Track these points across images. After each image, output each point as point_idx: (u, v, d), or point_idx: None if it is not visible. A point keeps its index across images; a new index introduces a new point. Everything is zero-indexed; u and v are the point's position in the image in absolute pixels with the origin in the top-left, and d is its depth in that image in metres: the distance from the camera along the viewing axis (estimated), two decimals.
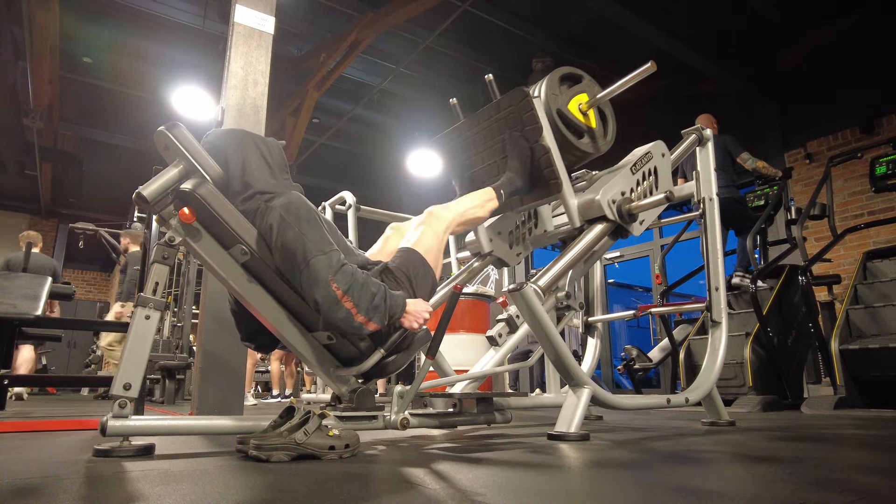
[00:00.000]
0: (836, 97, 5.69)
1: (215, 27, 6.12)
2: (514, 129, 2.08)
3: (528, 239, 2.47)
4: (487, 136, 2.19)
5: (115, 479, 1.05)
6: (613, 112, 2.35)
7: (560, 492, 0.95)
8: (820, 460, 1.31)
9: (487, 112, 2.16)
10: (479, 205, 2.00)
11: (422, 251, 1.74)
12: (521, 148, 2.06)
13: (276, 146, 1.68)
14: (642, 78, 2.06)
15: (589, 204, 2.03)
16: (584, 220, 2.06)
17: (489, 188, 2.05)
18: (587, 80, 2.27)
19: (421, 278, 1.69)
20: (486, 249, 2.36)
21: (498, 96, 2.14)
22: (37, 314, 3.18)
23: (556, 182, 2.02)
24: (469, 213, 1.96)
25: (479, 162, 2.25)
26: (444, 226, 1.85)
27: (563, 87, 2.19)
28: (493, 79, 2.21)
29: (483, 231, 2.37)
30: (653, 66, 2.02)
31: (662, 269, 4.71)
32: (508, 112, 2.08)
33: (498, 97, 2.14)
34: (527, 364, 2.44)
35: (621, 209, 2.03)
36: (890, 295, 3.67)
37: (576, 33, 6.33)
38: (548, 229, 2.46)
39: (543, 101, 2.10)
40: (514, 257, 2.46)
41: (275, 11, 2.89)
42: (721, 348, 2.30)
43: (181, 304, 6.60)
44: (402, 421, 1.57)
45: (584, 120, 2.21)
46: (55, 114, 7.44)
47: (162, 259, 1.44)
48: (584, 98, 2.22)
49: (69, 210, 11.22)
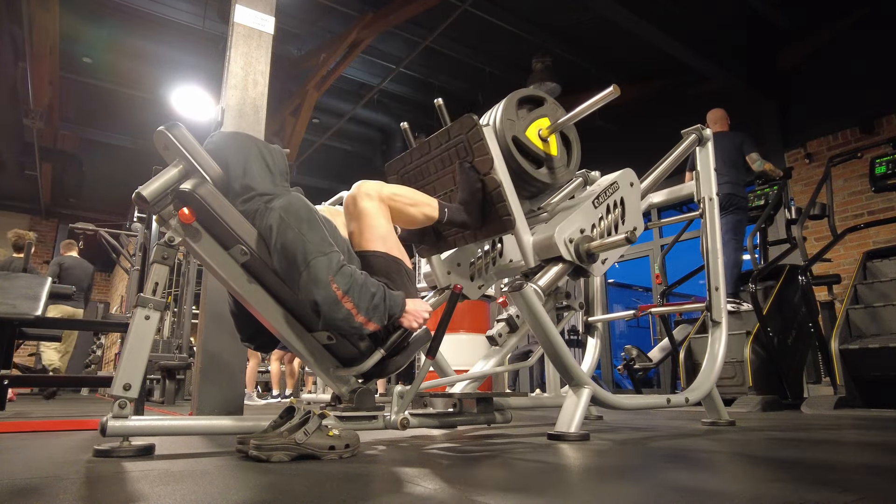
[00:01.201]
0: (836, 97, 5.69)
1: (215, 27, 6.12)
2: (464, 159, 1.91)
3: (491, 270, 2.34)
4: (438, 164, 2.02)
5: (115, 480, 1.05)
6: (578, 137, 2.19)
7: (560, 492, 0.95)
8: (820, 460, 1.31)
9: (437, 139, 1.98)
10: (417, 201, 1.82)
11: (381, 247, 1.65)
12: (470, 180, 1.89)
13: (280, 153, 1.68)
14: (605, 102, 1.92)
15: (545, 242, 1.83)
16: (539, 259, 1.87)
17: (436, 199, 1.90)
18: (549, 104, 2.11)
19: (395, 274, 1.64)
20: (441, 283, 2.23)
21: (448, 122, 1.98)
22: (37, 314, 3.18)
23: (508, 218, 1.86)
24: (401, 198, 1.78)
25: (430, 192, 2.06)
26: (376, 204, 1.68)
27: (521, 111, 2.03)
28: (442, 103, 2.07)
29: (439, 264, 2.27)
30: (616, 91, 1.88)
31: (662, 269, 4.71)
32: (458, 140, 1.91)
33: (448, 123, 1.97)
34: (527, 364, 2.44)
35: (579, 249, 1.84)
36: (890, 295, 3.67)
37: (576, 33, 6.33)
38: (514, 259, 2.30)
39: (498, 127, 1.94)
40: (475, 290, 2.33)
41: (275, 11, 2.89)
42: (721, 348, 2.30)
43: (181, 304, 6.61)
44: (402, 421, 1.57)
45: (543, 147, 2.05)
46: (55, 114, 7.44)
47: (162, 259, 1.44)
48: (545, 123, 2.06)
49: (69, 210, 11.22)
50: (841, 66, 5.71)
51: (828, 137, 5.78)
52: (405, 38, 6.40)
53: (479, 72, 7.04)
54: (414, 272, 1.79)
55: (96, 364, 9.23)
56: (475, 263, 2.38)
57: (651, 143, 4.22)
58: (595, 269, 1.92)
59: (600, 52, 6.51)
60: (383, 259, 1.65)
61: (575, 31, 6.30)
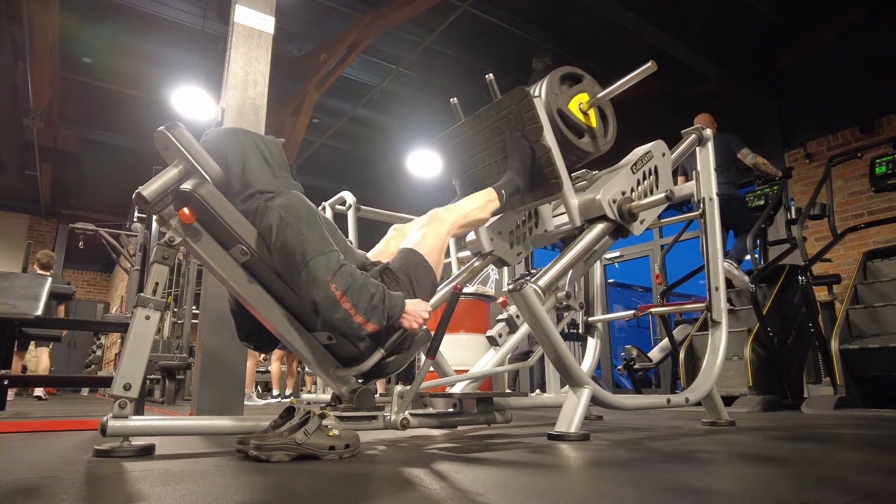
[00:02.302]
0: (836, 97, 5.69)
1: (215, 27, 6.11)
2: (514, 128, 2.07)
3: (528, 238, 2.46)
4: (488, 135, 2.18)
5: (115, 480, 1.05)
6: (614, 112, 2.34)
7: (560, 492, 0.95)
8: (820, 460, 1.31)
9: (488, 112, 2.15)
10: (481, 206, 2.00)
11: (423, 252, 1.74)
12: (521, 147, 2.05)
13: (276, 144, 1.68)
14: (643, 77, 2.06)
15: (589, 203, 2.01)
16: (584, 219, 2.05)
17: (490, 189, 2.04)
18: (588, 80, 2.26)
19: (422, 279, 1.70)
20: (486, 249, 2.35)
21: (499, 96, 2.14)
22: (37, 314, 3.18)
23: (556, 182, 2.01)
24: (471, 215, 1.96)
25: (479, 162, 2.25)
26: (446, 228, 1.85)
27: (563, 86, 2.18)
28: (494, 78, 2.20)
29: (484, 231, 2.35)
30: (653, 66, 2.02)
31: (662, 269, 4.71)
32: (509, 111, 2.07)
33: (499, 97, 2.13)
34: (527, 364, 2.44)
35: (622, 208, 2.02)
36: (890, 295, 3.67)
37: (576, 33, 6.33)
38: (548, 229, 2.45)
39: (544, 100, 2.08)
40: (514, 257, 2.44)
41: (275, 11, 2.89)
42: (721, 348, 2.30)
43: (181, 304, 6.61)
44: (402, 421, 1.57)
45: (584, 119, 2.20)
46: (55, 114, 7.44)
47: (162, 259, 1.44)
48: (584, 98, 2.21)
49: (69, 210, 11.23)
50: (841, 66, 5.71)
51: (828, 137, 5.78)
52: (405, 38, 6.40)
53: (479, 72, 7.03)
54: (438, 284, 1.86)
55: (96, 364, 9.23)
56: (514, 232, 2.45)
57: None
58: (635, 228, 2.08)
59: (600, 52, 6.51)
60: (420, 260, 1.72)
61: (575, 31, 6.30)
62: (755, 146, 4.60)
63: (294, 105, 6.80)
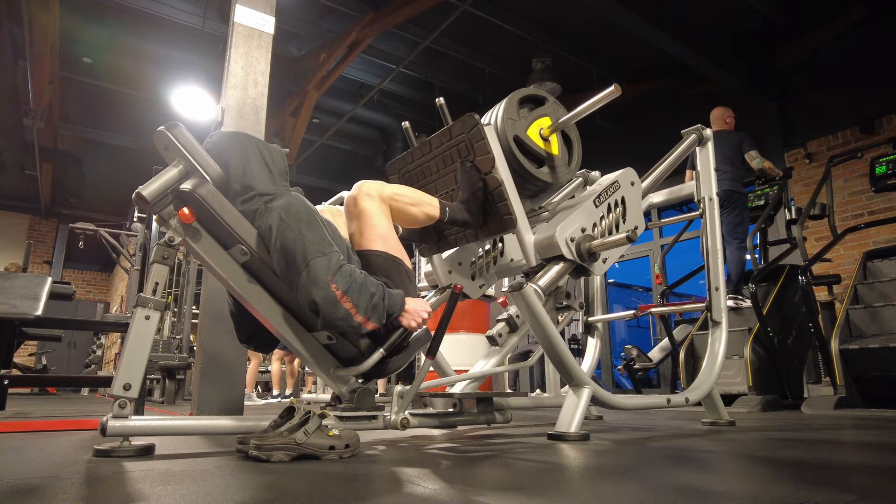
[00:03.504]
0: (836, 97, 5.69)
1: (215, 27, 6.11)
2: (466, 158, 1.92)
3: (492, 269, 2.35)
4: (440, 163, 2.03)
5: (116, 480, 1.05)
6: (579, 136, 2.20)
7: (560, 492, 0.95)
8: (820, 460, 1.31)
9: (439, 139, 2.00)
10: (419, 201, 1.82)
11: (381, 247, 1.65)
12: (472, 180, 1.90)
13: (279, 152, 1.68)
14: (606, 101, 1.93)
15: (547, 241, 1.85)
16: (541, 258, 1.88)
17: (437, 198, 1.90)
18: (550, 103, 2.12)
19: (395, 273, 1.64)
20: (443, 282, 2.24)
21: (449, 121, 1.99)
22: (37, 314, 3.18)
23: (509, 217, 1.87)
24: (403, 198, 1.77)
25: (432, 191, 2.07)
26: (377, 204, 1.69)
27: (523, 110, 2.04)
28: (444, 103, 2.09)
29: (440, 263, 2.27)
30: (617, 90, 1.89)
31: (662, 269, 4.71)
32: (460, 139, 1.92)
33: (450, 122, 1.98)
34: (527, 364, 2.44)
35: (580, 248, 1.85)
36: (890, 295, 3.67)
37: (576, 33, 6.33)
38: (514, 258, 2.31)
39: (499, 126, 1.95)
40: (476, 289, 2.34)
41: (275, 11, 2.89)
42: (721, 348, 2.30)
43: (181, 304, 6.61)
44: (402, 421, 1.57)
45: (544, 146, 2.06)
46: (55, 114, 7.43)
47: (162, 259, 1.44)
48: (546, 122, 2.07)
49: (69, 210, 11.22)
50: (841, 66, 5.71)
51: (828, 137, 5.78)
52: (405, 38, 6.40)
53: (479, 72, 7.03)
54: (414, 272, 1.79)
55: (96, 364, 9.23)
56: (476, 262, 2.38)
57: (651, 142, 4.22)
58: (596, 269, 1.92)
59: (600, 52, 6.51)
60: (383, 258, 1.65)
61: (575, 31, 6.30)
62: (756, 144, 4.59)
63: (294, 105, 6.80)
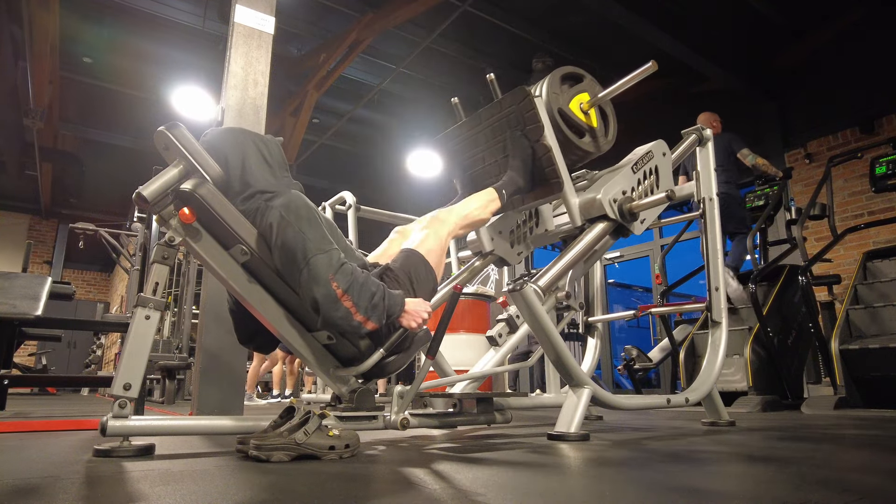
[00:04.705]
0: (836, 97, 5.69)
1: (215, 27, 6.11)
2: (515, 128, 2.08)
3: (529, 238, 2.46)
4: (489, 135, 2.18)
5: (116, 479, 1.05)
6: (614, 111, 2.35)
7: (560, 492, 0.95)
8: (820, 460, 1.31)
9: (489, 111, 2.16)
10: (482, 206, 2.00)
11: (423, 252, 1.74)
12: (522, 147, 2.06)
13: (275, 144, 1.68)
14: (643, 77, 2.06)
15: (590, 203, 2.02)
16: (585, 219, 2.05)
17: (491, 189, 2.04)
18: (588, 80, 2.27)
19: (422, 279, 1.70)
20: (487, 248, 2.35)
21: (500, 95, 2.14)
22: (37, 314, 3.18)
23: (557, 181, 2.02)
24: (472, 216, 1.97)
25: (480, 161, 2.26)
26: (447, 229, 1.86)
27: (564, 86, 2.19)
28: (495, 78, 2.21)
29: (485, 230, 2.36)
30: (654, 66, 2.03)
31: (662, 269, 4.71)
32: (510, 111, 2.08)
33: (500, 96, 2.14)
34: (527, 364, 2.44)
35: (622, 208, 2.03)
36: (890, 295, 3.67)
37: (576, 33, 6.32)
38: (549, 228, 2.45)
39: (545, 100, 2.09)
40: (515, 256, 2.45)
41: (275, 11, 2.89)
42: (721, 348, 2.30)
43: (181, 304, 6.61)
44: (402, 421, 1.57)
45: (585, 119, 2.21)
46: (55, 114, 7.43)
47: (162, 259, 1.44)
48: (585, 97, 2.22)
49: (69, 210, 11.21)
50: (841, 66, 5.70)
51: (828, 137, 5.77)
52: (405, 38, 6.40)
53: (479, 72, 7.03)
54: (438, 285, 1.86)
55: (96, 364, 9.23)
56: (514, 232, 2.46)
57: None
58: (635, 228, 2.08)
59: (600, 52, 6.51)
60: (420, 259, 1.72)
61: (575, 31, 6.29)
62: (755, 146, 4.60)
63: (294, 105, 6.80)
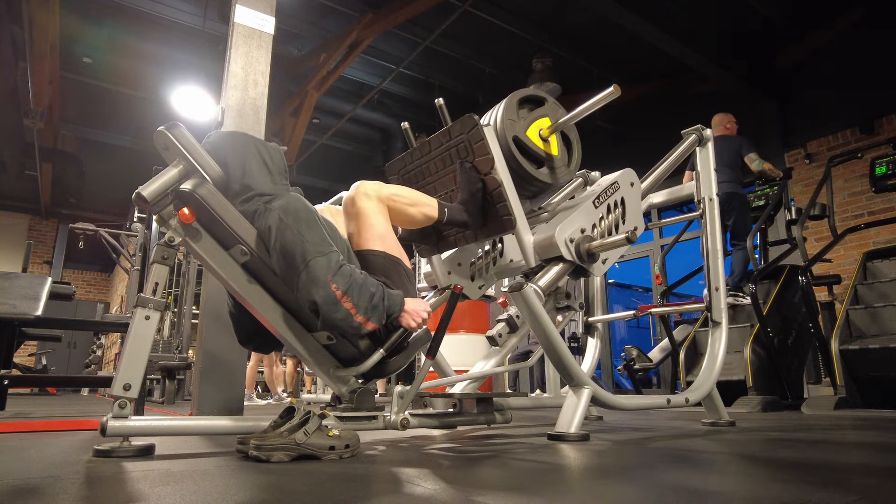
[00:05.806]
0: (836, 97, 5.69)
1: (215, 27, 6.11)
2: (465, 159, 1.91)
3: (492, 270, 2.34)
4: (439, 164, 2.01)
5: (115, 480, 1.05)
6: (579, 137, 2.20)
7: (560, 492, 0.95)
8: (820, 460, 1.31)
9: (438, 139, 1.99)
10: (417, 201, 1.82)
11: (379, 247, 1.65)
12: (471, 180, 1.89)
13: (278, 151, 1.68)
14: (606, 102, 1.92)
15: (546, 242, 1.83)
16: (540, 259, 1.87)
17: (436, 199, 1.89)
18: (550, 104, 2.11)
19: (394, 273, 1.64)
20: (442, 283, 2.23)
21: (449, 122, 1.99)
22: (37, 314, 3.18)
23: (509, 218, 1.86)
24: (401, 198, 1.77)
25: (431, 192, 2.06)
26: (375, 204, 1.69)
27: (522, 111, 2.04)
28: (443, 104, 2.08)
29: (439, 264, 2.27)
30: (616, 90, 1.88)
31: (662, 269, 4.71)
32: (459, 140, 1.91)
33: (449, 123, 1.98)
34: (527, 364, 2.44)
35: (580, 248, 1.84)
36: (890, 295, 3.67)
37: (576, 33, 6.33)
38: (514, 259, 2.31)
39: (498, 127, 1.94)
40: (476, 290, 2.34)
41: (275, 11, 2.89)
42: (721, 348, 2.30)
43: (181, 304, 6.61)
44: (402, 421, 1.57)
45: (544, 147, 2.05)
46: (55, 114, 7.43)
47: (162, 259, 1.44)
48: (545, 123, 2.06)
49: (69, 210, 11.21)
50: (841, 66, 5.71)
51: (828, 137, 5.78)
52: (405, 38, 6.40)
53: (479, 72, 7.03)
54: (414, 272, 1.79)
55: (96, 364, 9.23)
56: (475, 263, 2.38)
57: (651, 143, 4.22)
58: (595, 269, 1.92)
59: (600, 52, 6.51)
60: (382, 258, 1.65)
61: (575, 31, 6.30)
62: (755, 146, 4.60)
63: (294, 105, 6.80)
